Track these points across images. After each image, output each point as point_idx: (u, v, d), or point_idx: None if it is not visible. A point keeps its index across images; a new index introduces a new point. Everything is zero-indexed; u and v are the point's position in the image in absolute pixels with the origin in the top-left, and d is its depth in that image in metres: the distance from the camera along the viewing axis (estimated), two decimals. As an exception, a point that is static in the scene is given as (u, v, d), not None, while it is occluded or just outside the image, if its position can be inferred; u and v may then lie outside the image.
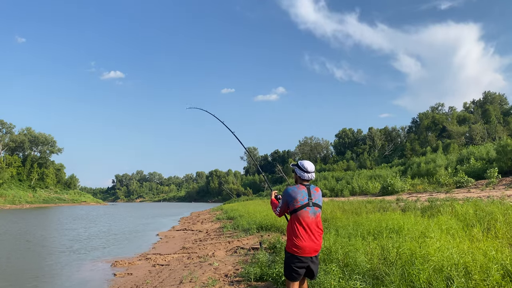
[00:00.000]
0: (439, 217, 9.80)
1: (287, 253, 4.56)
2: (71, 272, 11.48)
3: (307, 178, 4.68)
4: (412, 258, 5.62)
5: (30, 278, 10.48)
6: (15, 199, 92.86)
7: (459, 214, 10.58)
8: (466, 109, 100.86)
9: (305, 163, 4.75)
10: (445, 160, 44.94)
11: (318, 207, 4.61)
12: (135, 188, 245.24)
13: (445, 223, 8.79)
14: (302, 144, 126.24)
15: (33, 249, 16.39)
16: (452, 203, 12.82)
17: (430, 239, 6.52)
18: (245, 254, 11.41)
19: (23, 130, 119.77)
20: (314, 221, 4.53)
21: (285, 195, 4.64)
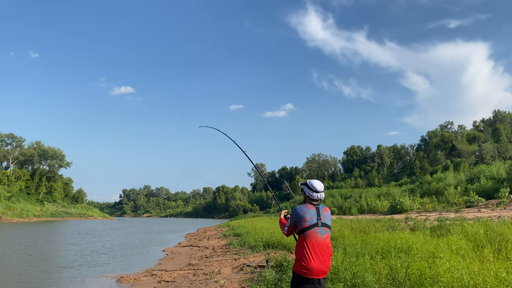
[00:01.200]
0: (448, 237, 9.65)
1: (294, 274, 4.47)
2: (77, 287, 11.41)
3: (316, 198, 4.60)
4: (421, 278, 5.52)
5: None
6: (22, 213, 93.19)
7: (469, 234, 10.40)
8: (476, 127, 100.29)
9: (315, 182, 4.67)
10: (455, 179, 44.44)
11: (327, 227, 4.52)
12: (142, 203, 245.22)
13: (455, 243, 8.64)
14: (310, 161, 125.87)
15: (37, 263, 16.37)
16: (462, 223, 12.62)
17: (440, 260, 6.39)
18: (252, 271, 11.29)
19: (33, 144, 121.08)
20: (323, 242, 4.43)
21: (293, 214, 4.56)
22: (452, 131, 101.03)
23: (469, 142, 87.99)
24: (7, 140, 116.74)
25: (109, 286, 11.48)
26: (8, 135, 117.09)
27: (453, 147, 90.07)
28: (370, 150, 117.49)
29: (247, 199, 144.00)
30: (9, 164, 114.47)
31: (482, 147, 79.06)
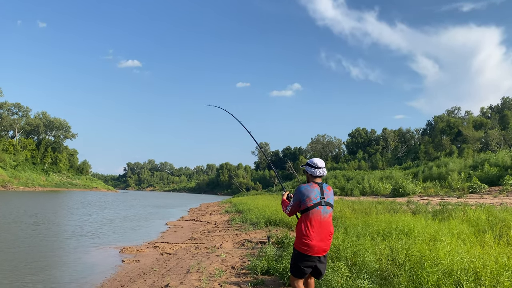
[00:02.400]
0: (450, 221, 9.69)
1: (295, 251, 4.53)
2: (79, 257, 11.63)
3: (319, 174, 4.62)
4: (421, 260, 5.57)
5: (38, 261, 10.64)
6: (28, 182, 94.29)
7: (471, 219, 10.44)
8: (483, 114, 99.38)
9: (315, 159, 4.72)
10: (458, 164, 44.31)
11: (330, 206, 4.56)
12: (146, 177, 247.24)
13: (456, 227, 8.68)
14: (314, 141, 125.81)
15: (42, 232, 16.64)
16: (464, 208, 12.65)
17: (441, 243, 6.43)
18: (253, 247, 11.43)
19: (39, 114, 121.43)
20: (325, 220, 4.47)
21: (297, 193, 4.56)
22: (459, 117, 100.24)
23: (476, 128, 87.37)
24: (13, 110, 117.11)
25: (112, 256, 11.69)
26: (14, 104, 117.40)
27: (459, 132, 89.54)
28: (375, 133, 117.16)
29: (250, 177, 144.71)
30: (15, 134, 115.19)
31: (489, 134, 78.54)
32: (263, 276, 7.16)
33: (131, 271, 9.28)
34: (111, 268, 9.92)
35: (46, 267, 9.81)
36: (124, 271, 9.50)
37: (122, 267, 10.06)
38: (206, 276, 7.46)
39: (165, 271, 8.64)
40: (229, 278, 7.17)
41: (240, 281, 6.90)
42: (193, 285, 6.75)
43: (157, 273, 8.54)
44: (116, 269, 9.83)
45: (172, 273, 8.23)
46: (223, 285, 6.61)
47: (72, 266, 10.24)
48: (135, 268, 9.74)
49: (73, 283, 8.29)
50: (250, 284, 6.51)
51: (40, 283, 8.21)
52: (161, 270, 8.86)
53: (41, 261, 10.44)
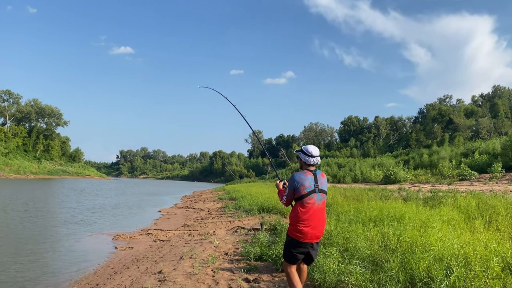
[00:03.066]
0: (441, 208, 9.80)
1: (288, 237, 4.56)
2: (72, 243, 11.63)
3: (312, 163, 4.60)
4: (412, 246, 5.64)
5: (30, 249, 10.62)
6: (20, 169, 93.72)
7: (461, 206, 10.57)
8: (474, 102, 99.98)
9: (309, 147, 4.68)
10: (449, 152, 44.71)
11: (324, 193, 4.58)
12: (139, 164, 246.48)
13: (447, 214, 8.79)
14: (307, 129, 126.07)
15: (33, 220, 16.59)
16: (455, 195, 12.80)
17: (432, 229, 6.52)
18: (246, 234, 11.50)
19: (30, 101, 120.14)
20: (319, 207, 4.50)
21: (291, 182, 4.55)
22: (450, 105, 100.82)
23: (467, 116, 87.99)
24: (4, 96, 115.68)
25: (105, 243, 11.70)
26: (5, 91, 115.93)
27: (450, 120, 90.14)
28: (367, 121, 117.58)
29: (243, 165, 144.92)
30: (6, 121, 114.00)
31: (479, 122, 79.19)
32: (256, 262, 7.21)
33: (124, 258, 9.31)
34: (104, 255, 9.93)
35: (38, 255, 9.79)
36: (117, 257, 9.52)
37: (115, 254, 10.08)
38: (199, 262, 7.50)
39: (158, 257, 8.68)
40: (222, 264, 7.22)
41: (233, 267, 6.95)
42: (186, 272, 6.79)
43: (150, 259, 8.57)
44: (109, 256, 9.85)
45: (165, 259, 8.27)
46: (216, 271, 6.65)
47: (65, 253, 10.23)
48: (128, 255, 9.77)
49: (66, 270, 8.29)
50: (243, 270, 6.56)
51: (32, 271, 8.21)
52: (154, 256, 8.90)
53: (33, 249, 10.42)
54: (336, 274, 5.05)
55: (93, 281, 7.15)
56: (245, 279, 6.06)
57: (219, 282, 5.97)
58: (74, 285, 7.04)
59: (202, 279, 6.24)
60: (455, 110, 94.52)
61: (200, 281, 6.10)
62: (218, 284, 5.87)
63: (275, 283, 5.81)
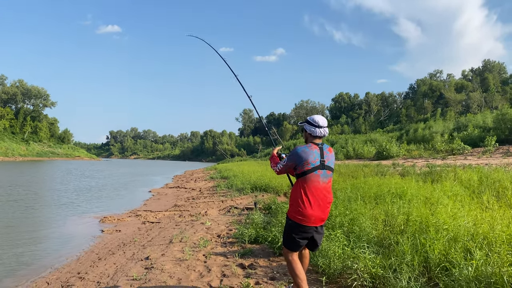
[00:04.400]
0: (443, 183, 9.35)
1: (289, 220, 3.96)
2: (57, 227, 11.06)
3: (319, 135, 4.00)
4: (421, 225, 5.15)
5: (13, 232, 10.04)
6: (8, 152, 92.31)
7: (463, 181, 10.15)
8: (465, 77, 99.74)
9: (316, 117, 4.07)
10: (442, 126, 44.52)
11: (330, 170, 3.98)
12: (130, 145, 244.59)
13: (451, 189, 8.34)
14: (298, 107, 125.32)
15: (19, 201, 15.94)
16: (455, 169, 12.38)
17: (443, 206, 6.02)
18: (239, 214, 11.02)
19: (15, 82, 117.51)
20: (324, 186, 3.90)
21: (293, 155, 3.95)
22: (441, 80, 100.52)
23: (457, 91, 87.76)
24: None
25: (91, 226, 11.14)
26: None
27: (440, 95, 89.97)
28: (358, 97, 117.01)
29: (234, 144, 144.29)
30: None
31: (470, 96, 79.09)
32: (251, 245, 6.71)
33: (110, 242, 8.77)
34: (89, 239, 9.38)
35: (19, 239, 9.21)
36: (103, 242, 8.98)
37: (102, 237, 9.54)
38: (189, 246, 6.98)
39: (146, 241, 8.14)
40: (215, 248, 6.70)
41: (226, 251, 6.44)
42: (175, 257, 6.26)
43: (138, 244, 8.04)
44: (94, 240, 9.31)
45: (154, 243, 7.74)
46: (208, 256, 6.14)
47: (47, 238, 9.67)
48: (115, 238, 9.23)
49: (47, 257, 7.74)
50: (237, 254, 6.05)
51: (11, 257, 7.65)
52: (142, 240, 8.36)
53: (13, 234, 9.82)
54: (342, 259, 4.54)
55: (75, 269, 6.60)
56: (240, 265, 5.55)
57: (211, 269, 5.45)
58: (55, 273, 6.49)
59: (193, 265, 5.71)
60: (446, 85, 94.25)
61: (190, 268, 5.57)
62: (211, 271, 5.34)
63: (273, 268, 5.30)
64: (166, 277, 5.23)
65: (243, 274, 5.14)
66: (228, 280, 4.90)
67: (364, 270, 4.21)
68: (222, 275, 5.17)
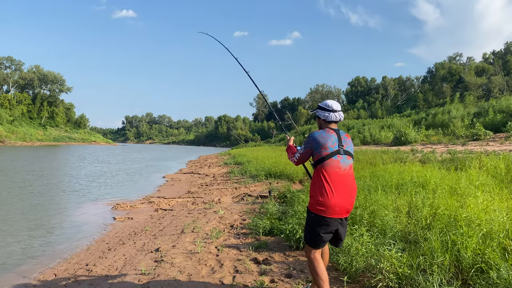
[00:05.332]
0: (468, 171, 8.86)
1: (311, 214, 3.59)
2: (69, 214, 10.92)
3: (334, 119, 3.71)
4: (450, 219, 4.75)
5: (23, 218, 9.92)
6: (26, 137, 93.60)
7: (489, 169, 9.64)
8: (486, 60, 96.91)
9: (328, 101, 3.79)
10: (461, 111, 43.37)
11: (350, 156, 3.66)
12: (145, 130, 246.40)
13: (477, 178, 7.86)
14: (313, 91, 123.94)
15: (32, 187, 15.93)
16: (480, 156, 11.82)
17: (474, 198, 5.58)
18: (253, 202, 10.72)
19: (32, 68, 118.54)
20: (346, 173, 3.56)
21: (310, 141, 3.64)
22: (461, 63, 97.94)
23: (478, 74, 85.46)
24: (5, 63, 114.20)
25: (103, 213, 10.98)
26: (6, 58, 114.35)
27: (460, 79, 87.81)
28: (375, 81, 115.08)
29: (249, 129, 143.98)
30: (10, 88, 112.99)
31: (491, 80, 76.96)
32: (265, 237, 6.40)
33: (121, 231, 8.56)
34: (101, 227, 9.20)
35: (28, 227, 9.07)
36: (114, 230, 8.78)
37: (113, 225, 9.35)
38: (201, 237, 6.70)
39: (158, 231, 7.90)
40: (228, 240, 6.41)
41: (240, 244, 6.14)
42: (186, 250, 5.99)
43: (149, 233, 7.80)
44: (106, 228, 9.12)
45: (165, 233, 7.49)
46: (221, 249, 5.84)
47: (58, 226, 9.51)
48: (127, 227, 9.02)
49: (57, 247, 7.56)
50: (251, 247, 5.74)
51: (17, 244, 7.49)
52: (154, 229, 8.12)
53: (25, 221, 9.71)
54: (365, 257, 4.18)
55: (84, 259, 6.39)
56: (254, 259, 5.24)
57: (223, 264, 5.15)
58: (63, 264, 6.29)
59: (204, 259, 5.43)
60: (466, 69, 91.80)
61: (201, 262, 5.29)
62: (223, 267, 5.05)
63: (289, 264, 4.98)
64: (175, 272, 4.96)
65: (257, 270, 4.83)
66: (241, 277, 4.60)
67: (390, 270, 3.85)
68: (235, 270, 4.87)
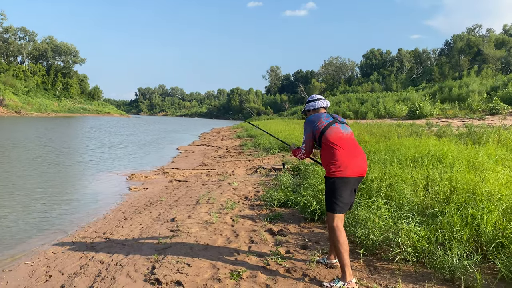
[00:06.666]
0: (487, 146, 8.70)
1: (330, 179, 3.59)
2: (84, 184, 11.09)
3: (322, 105, 3.99)
4: (469, 194, 4.68)
5: (41, 187, 10.10)
6: (41, 107, 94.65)
7: (508, 143, 9.45)
8: (506, 32, 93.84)
9: (311, 96, 4.10)
10: (479, 84, 42.42)
11: (346, 125, 3.82)
12: (158, 102, 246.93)
13: (496, 152, 7.72)
14: (327, 64, 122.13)
15: (49, 157, 16.16)
16: (499, 130, 11.60)
17: (494, 172, 5.48)
18: (267, 174, 10.72)
19: (45, 39, 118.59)
20: (349, 137, 3.70)
21: (307, 124, 3.84)
22: (480, 35, 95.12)
23: (497, 47, 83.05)
24: (19, 34, 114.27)
25: (119, 183, 11.11)
26: (20, 28, 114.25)
27: (478, 52, 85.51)
28: (390, 54, 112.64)
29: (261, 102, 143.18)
30: (24, 59, 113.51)
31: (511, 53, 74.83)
32: (280, 208, 6.41)
33: (137, 201, 8.67)
34: (116, 197, 9.33)
35: (46, 196, 9.23)
36: (130, 200, 8.90)
37: (129, 195, 9.47)
38: (216, 208, 6.75)
39: (173, 201, 7.98)
40: (242, 211, 6.44)
41: (254, 215, 6.16)
42: (202, 220, 6.04)
43: (164, 203, 7.88)
44: (122, 198, 9.24)
45: (180, 204, 7.56)
46: (236, 220, 5.88)
47: (75, 195, 9.67)
48: (142, 196, 9.13)
49: (75, 215, 7.69)
50: (266, 218, 5.76)
51: (38, 213, 7.64)
52: (169, 200, 8.21)
53: (40, 190, 9.88)
54: (382, 230, 4.15)
55: (101, 228, 6.50)
56: (269, 230, 5.26)
57: (239, 234, 5.19)
58: (81, 232, 6.41)
59: (220, 229, 5.47)
60: (485, 41, 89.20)
61: (217, 233, 5.33)
62: (238, 237, 5.08)
63: (304, 236, 4.99)
64: (192, 241, 5.01)
65: (273, 241, 4.85)
66: (257, 247, 4.63)
67: (408, 244, 3.82)
68: (250, 241, 4.90)
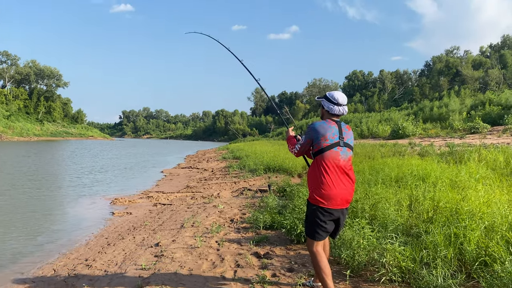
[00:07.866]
0: (468, 164, 8.85)
1: (311, 206, 3.58)
2: (68, 209, 10.89)
3: (337, 113, 3.68)
4: (452, 212, 4.73)
5: (21, 213, 9.86)
6: (23, 132, 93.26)
7: (488, 162, 9.63)
8: (482, 53, 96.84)
9: (335, 93, 3.72)
10: (459, 104, 43.40)
11: (350, 148, 3.67)
12: (142, 124, 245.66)
13: (477, 171, 7.85)
14: (311, 85, 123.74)
15: (29, 182, 15.86)
16: (479, 149, 11.82)
17: (475, 191, 5.57)
18: (252, 196, 10.69)
19: (28, 63, 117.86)
20: (345, 164, 3.58)
21: (310, 131, 3.64)
22: (458, 57, 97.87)
23: (475, 68, 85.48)
24: (1, 58, 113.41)
25: (102, 208, 10.93)
26: (2, 52, 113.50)
27: (457, 73, 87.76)
28: (372, 75, 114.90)
29: (246, 123, 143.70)
30: (6, 83, 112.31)
31: (488, 73, 76.99)
32: (266, 231, 6.37)
33: (120, 226, 8.52)
34: (99, 222, 9.16)
35: (26, 223, 9.02)
36: (113, 225, 8.74)
37: (112, 220, 9.31)
38: (202, 231, 6.67)
39: (157, 225, 7.87)
40: (228, 234, 6.38)
41: (240, 238, 6.11)
42: (186, 244, 5.95)
43: (148, 228, 7.77)
44: (105, 223, 9.08)
45: (165, 228, 7.46)
46: (221, 243, 5.81)
47: (58, 220, 9.48)
48: (126, 221, 8.99)
49: (56, 242, 7.52)
50: (252, 241, 5.71)
51: (16, 240, 7.45)
52: (153, 224, 8.09)
53: (20, 215, 9.65)
54: (367, 251, 4.16)
55: (83, 254, 6.35)
56: (255, 254, 5.21)
57: (224, 258, 5.12)
58: (62, 259, 6.25)
59: (205, 254, 5.40)
60: (463, 62, 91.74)
61: (202, 257, 5.25)
62: (224, 261, 5.02)
63: (290, 258, 4.95)
64: (176, 266, 4.93)
65: (259, 264, 4.80)
66: (243, 272, 4.57)
67: (393, 264, 3.83)
68: (236, 265, 4.84)
